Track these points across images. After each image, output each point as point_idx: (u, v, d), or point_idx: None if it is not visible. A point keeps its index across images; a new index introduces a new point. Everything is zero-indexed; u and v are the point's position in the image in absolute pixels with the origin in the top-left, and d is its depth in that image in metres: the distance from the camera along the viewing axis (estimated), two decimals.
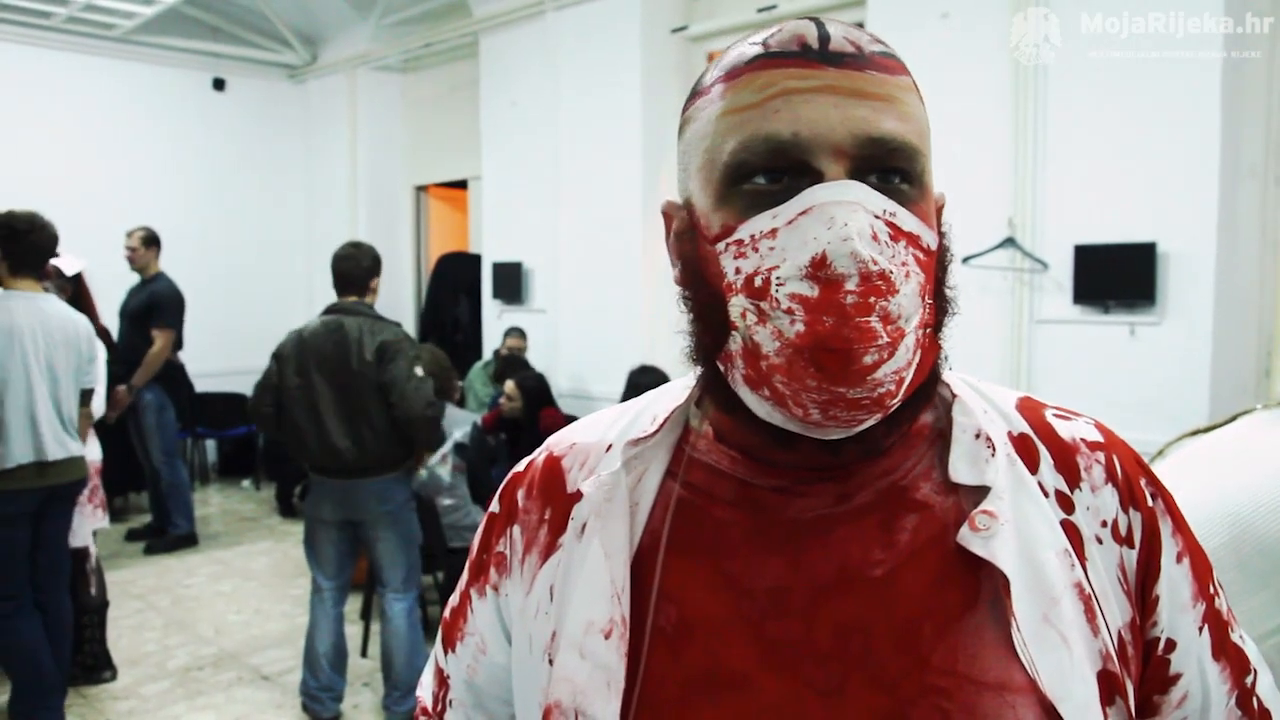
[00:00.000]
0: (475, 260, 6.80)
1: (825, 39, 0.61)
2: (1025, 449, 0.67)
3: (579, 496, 0.70)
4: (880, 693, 0.60)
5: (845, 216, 0.56)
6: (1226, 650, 0.69)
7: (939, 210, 0.67)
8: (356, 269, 3.35)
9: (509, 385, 4.93)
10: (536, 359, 5.76)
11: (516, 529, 0.75)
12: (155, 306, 5.32)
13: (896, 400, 0.60)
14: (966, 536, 0.62)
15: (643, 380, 4.52)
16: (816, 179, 0.59)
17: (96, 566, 3.77)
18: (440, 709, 0.82)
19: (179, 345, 5.58)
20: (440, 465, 4.02)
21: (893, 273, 0.57)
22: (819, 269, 0.56)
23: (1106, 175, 3.69)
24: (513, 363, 5.49)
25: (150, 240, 5.44)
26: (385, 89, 7.56)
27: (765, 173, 0.60)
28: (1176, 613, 0.66)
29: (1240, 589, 0.87)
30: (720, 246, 0.62)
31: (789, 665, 0.61)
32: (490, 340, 6.39)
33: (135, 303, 5.42)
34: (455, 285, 7.22)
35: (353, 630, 4.03)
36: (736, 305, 0.61)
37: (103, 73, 6.94)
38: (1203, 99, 3.44)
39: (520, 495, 0.76)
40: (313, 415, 3.22)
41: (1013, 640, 0.60)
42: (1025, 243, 3.87)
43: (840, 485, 0.65)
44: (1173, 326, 3.57)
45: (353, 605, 4.14)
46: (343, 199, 7.65)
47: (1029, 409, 0.70)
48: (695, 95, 0.66)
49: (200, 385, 6.37)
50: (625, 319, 5.42)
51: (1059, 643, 0.60)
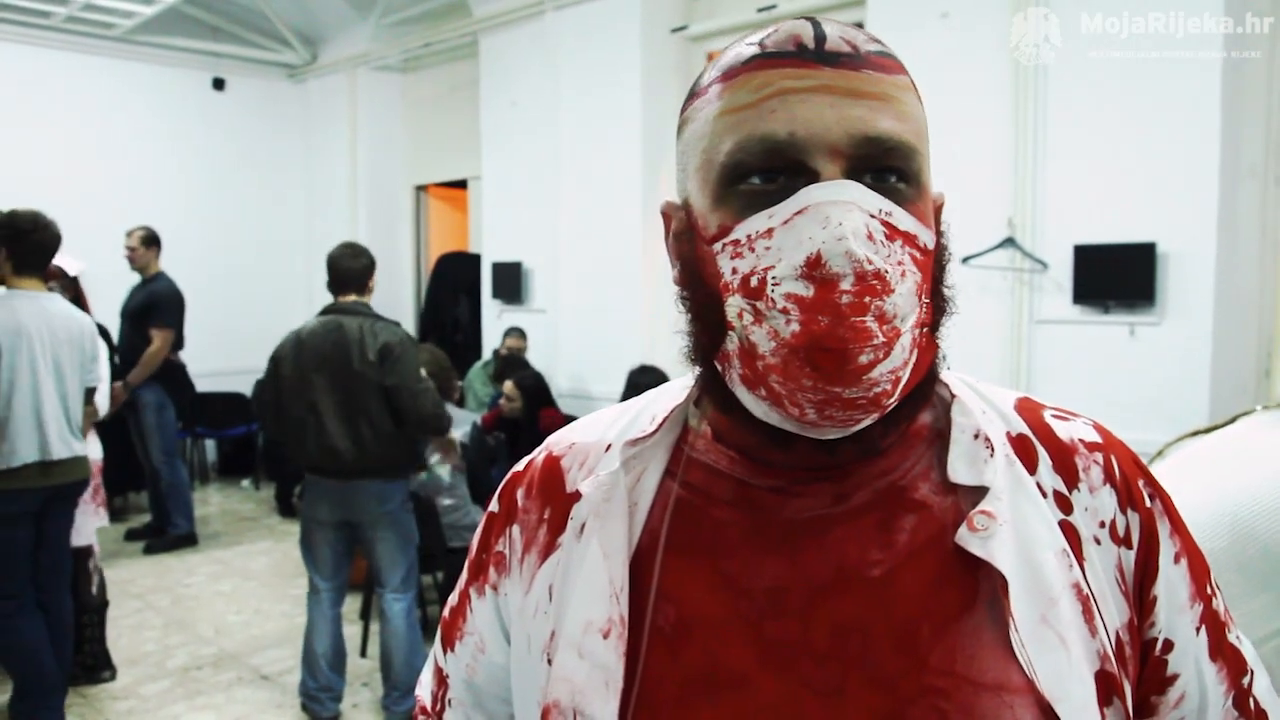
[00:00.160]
0: (475, 260, 6.80)
1: (821, 39, 0.61)
2: (1024, 449, 0.67)
3: (578, 496, 0.70)
4: (878, 693, 0.60)
5: (840, 216, 0.56)
6: (1224, 651, 0.69)
7: (938, 210, 0.67)
8: (355, 267, 3.35)
9: (508, 385, 4.93)
10: (536, 359, 5.76)
11: (516, 528, 0.75)
12: (154, 306, 5.32)
13: (893, 400, 0.60)
14: (965, 537, 0.62)
15: (642, 380, 4.52)
16: (813, 179, 0.58)
17: (97, 566, 3.77)
18: (439, 708, 0.82)
19: (180, 345, 5.58)
20: (440, 465, 4.02)
21: (888, 272, 0.57)
22: (814, 269, 0.56)
23: (1106, 175, 3.69)
24: (512, 362, 5.49)
25: (149, 240, 5.43)
26: (385, 89, 7.56)
27: (761, 173, 0.60)
28: (1174, 613, 0.66)
29: (1241, 591, 0.87)
30: (717, 247, 0.62)
31: (787, 665, 0.61)
32: (490, 340, 6.39)
33: (135, 302, 5.41)
34: (455, 285, 7.22)
35: (352, 630, 4.03)
36: (733, 305, 0.61)
37: (102, 72, 6.94)
38: (1203, 99, 3.44)
39: (520, 495, 0.76)
40: (312, 416, 3.22)
41: (1011, 641, 0.60)
42: (1025, 243, 3.87)
43: (838, 485, 0.65)
44: (1173, 327, 3.57)
45: (352, 605, 4.15)
46: (343, 199, 7.65)
47: (1027, 409, 0.70)
48: (693, 96, 0.66)
49: (200, 385, 6.37)
50: (625, 319, 5.42)
51: (1057, 643, 0.60)
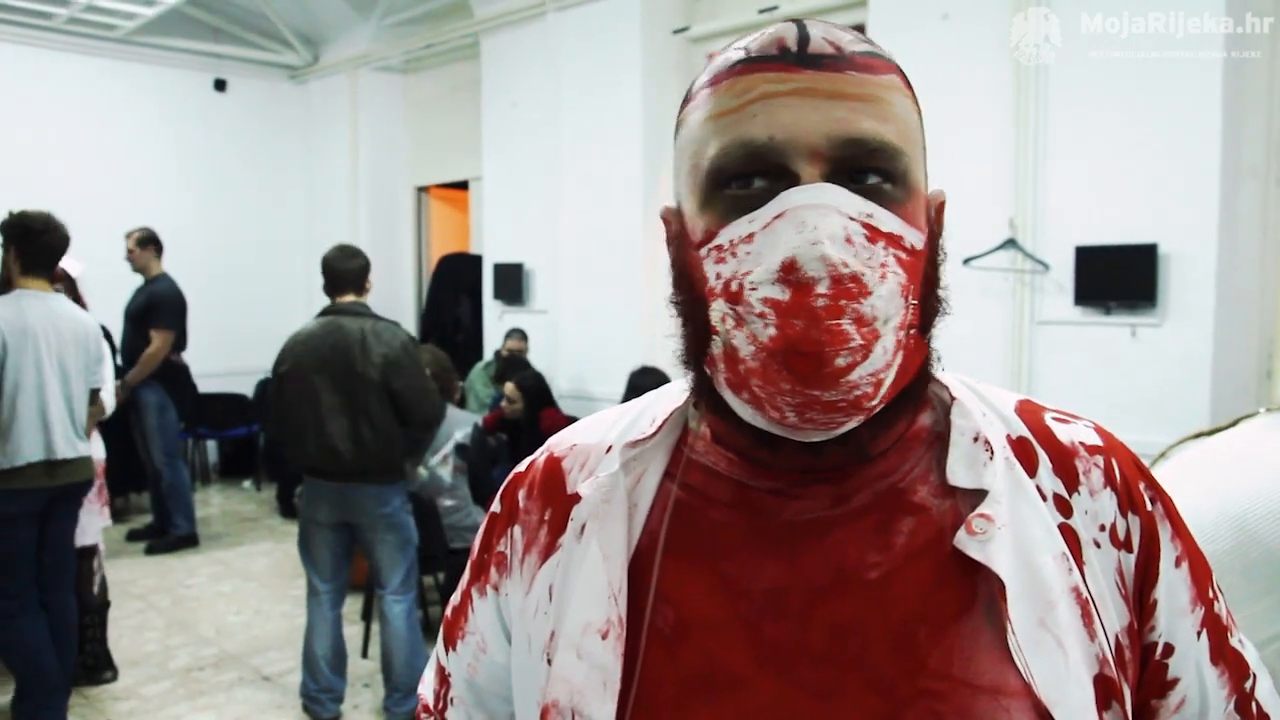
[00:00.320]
0: (476, 261, 6.81)
1: (805, 41, 0.61)
2: (1024, 452, 0.67)
3: (579, 497, 0.70)
4: (875, 695, 0.60)
5: (816, 220, 0.57)
6: (1225, 655, 0.69)
7: (939, 208, 0.67)
8: (352, 268, 3.35)
9: (509, 387, 4.93)
10: (537, 360, 5.76)
11: (517, 529, 0.75)
12: (154, 307, 5.32)
13: (875, 402, 0.59)
14: (963, 540, 0.61)
15: (643, 381, 4.52)
16: (793, 182, 0.59)
17: (101, 565, 3.78)
18: (441, 707, 0.83)
19: (182, 346, 5.58)
20: (441, 466, 4.02)
21: (865, 275, 0.57)
22: (789, 273, 0.56)
23: (1107, 176, 3.69)
24: (513, 363, 5.49)
25: (145, 241, 5.43)
26: (386, 90, 7.56)
27: (744, 177, 0.60)
28: (1175, 617, 0.66)
29: (1244, 594, 0.87)
30: (703, 251, 0.62)
31: (785, 667, 0.62)
32: (491, 341, 6.39)
33: (136, 304, 5.43)
34: (456, 286, 7.22)
35: (353, 631, 4.03)
36: (717, 310, 0.61)
37: (104, 73, 6.95)
38: (1204, 99, 3.44)
39: (521, 495, 0.76)
40: (312, 417, 3.22)
41: (1008, 644, 0.59)
42: (1026, 244, 3.87)
43: (837, 487, 0.65)
44: (1174, 328, 3.57)
45: (353, 606, 4.15)
46: (344, 199, 7.66)
47: (1028, 412, 0.70)
48: (686, 101, 0.67)
49: (201, 386, 6.38)
50: (626, 320, 5.42)
51: (1054, 647, 0.60)
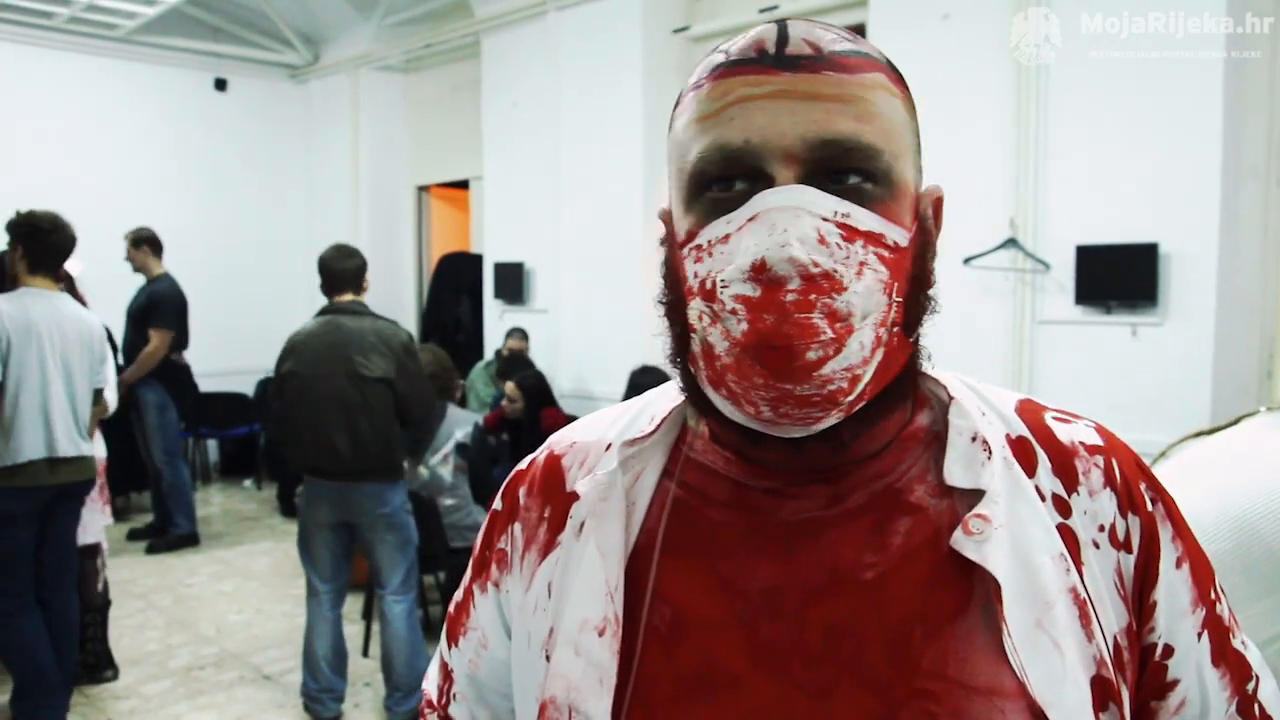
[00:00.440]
0: (477, 260, 6.81)
1: (783, 42, 0.61)
2: (1023, 452, 0.67)
3: (578, 495, 0.70)
4: (870, 695, 0.60)
5: (787, 222, 0.57)
6: (1227, 657, 0.69)
7: (935, 204, 0.67)
8: (349, 267, 3.36)
9: (510, 386, 4.92)
10: (538, 359, 5.76)
11: (517, 526, 0.76)
12: (153, 307, 5.33)
13: (852, 398, 0.59)
14: (960, 540, 0.61)
15: (644, 380, 4.52)
16: (771, 184, 0.59)
17: (104, 563, 3.78)
18: (445, 702, 0.84)
19: (184, 345, 5.58)
20: (442, 465, 4.02)
21: (838, 272, 0.57)
22: (759, 273, 0.57)
23: (1108, 176, 3.69)
24: (516, 361, 5.49)
25: (139, 241, 5.42)
26: (387, 89, 7.56)
27: (722, 180, 0.61)
28: (1175, 618, 0.66)
29: (1245, 594, 0.87)
30: (685, 251, 0.63)
31: (780, 666, 0.62)
32: (492, 340, 6.40)
33: (137, 303, 5.44)
34: (457, 285, 7.23)
35: (353, 630, 4.03)
36: (694, 308, 0.62)
37: (104, 73, 6.95)
38: (1204, 99, 3.44)
39: (522, 493, 0.77)
40: (313, 416, 3.22)
41: (1004, 645, 0.59)
42: (1027, 243, 3.87)
43: (833, 487, 0.65)
44: (1175, 327, 3.57)
45: (353, 605, 4.15)
46: (344, 199, 7.66)
47: (1028, 411, 0.70)
48: (676, 104, 0.67)
49: (201, 385, 6.38)
50: (627, 319, 5.42)
51: (1051, 648, 0.60)
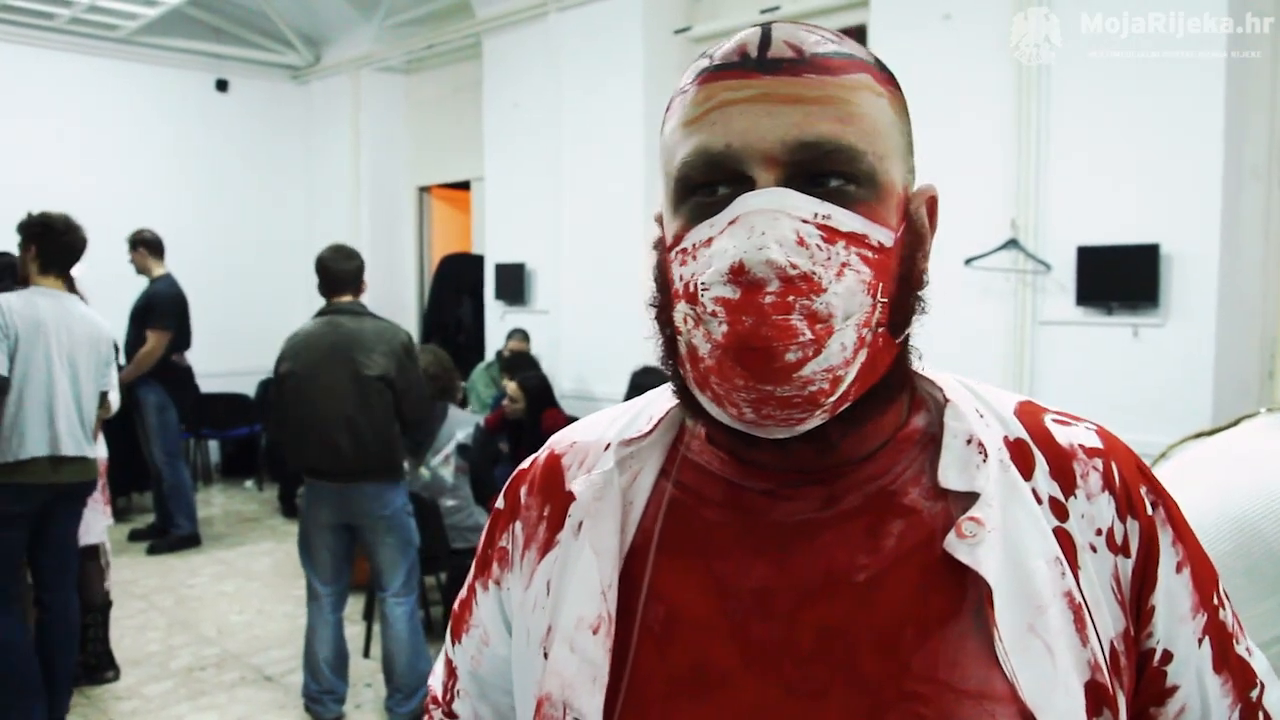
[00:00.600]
0: (478, 261, 6.81)
1: (765, 46, 0.61)
2: (1020, 455, 0.66)
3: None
4: (860, 697, 0.60)
5: (765, 225, 0.57)
6: (1229, 663, 0.68)
7: (929, 203, 0.67)
8: (349, 268, 3.36)
9: (511, 387, 4.92)
10: (539, 360, 5.76)
11: (518, 525, 0.76)
12: (150, 308, 5.34)
13: (834, 398, 0.59)
14: (953, 543, 0.61)
15: (645, 381, 4.52)
16: (752, 188, 0.59)
17: (108, 563, 3.79)
18: (449, 698, 0.85)
19: (185, 346, 5.59)
20: (443, 466, 4.02)
21: (817, 273, 0.57)
22: (738, 275, 0.57)
23: (1109, 176, 3.69)
24: (520, 360, 5.49)
25: (136, 243, 5.43)
26: (388, 90, 7.57)
27: (706, 184, 0.61)
28: (1174, 624, 0.66)
29: (1247, 595, 0.86)
30: (672, 255, 0.64)
31: (771, 667, 0.62)
32: (493, 341, 6.40)
33: (137, 304, 5.45)
34: (458, 286, 7.23)
35: (354, 631, 4.03)
36: (680, 311, 0.62)
37: (106, 74, 6.95)
38: (1205, 99, 3.44)
39: (523, 492, 0.78)
40: (314, 417, 3.22)
41: (995, 649, 0.59)
42: (1028, 244, 3.87)
43: (828, 489, 0.65)
44: (1176, 328, 3.56)
45: (355, 606, 4.14)
46: (345, 200, 7.66)
47: (1028, 414, 0.70)
48: (666, 107, 0.68)
49: (202, 385, 6.38)
50: (628, 320, 5.41)
51: (1043, 652, 0.60)
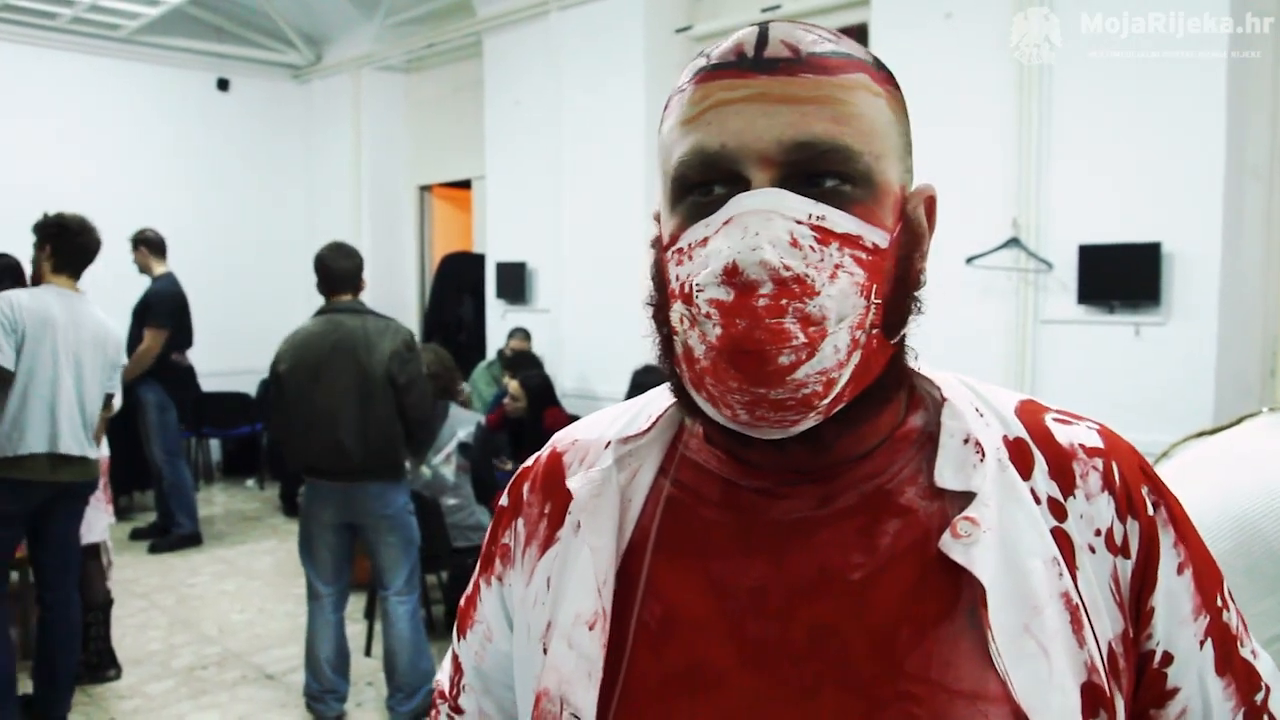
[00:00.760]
0: (479, 260, 6.81)
1: (762, 45, 0.61)
2: (1020, 454, 0.66)
3: None
4: (853, 696, 0.60)
5: (759, 225, 0.57)
6: (1233, 666, 0.67)
7: (928, 202, 0.67)
8: (349, 267, 3.35)
9: (513, 385, 4.92)
10: (541, 359, 5.76)
11: (520, 522, 0.77)
12: (148, 306, 5.35)
13: (828, 401, 0.59)
14: (948, 543, 0.61)
15: (646, 380, 4.52)
16: (747, 188, 0.59)
17: (108, 563, 3.79)
18: (455, 693, 0.85)
19: (186, 344, 5.59)
20: (444, 465, 4.02)
21: (810, 276, 0.57)
22: (732, 276, 0.57)
23: (1111, 175, 3.69)
24: (523, 359, 5.49)
25: (136, 242, 5.43)
26: (389, 89, 7.57)
27: (702, 184, 0.61)
28: (1175, 626, 0.65)
29: (1248, 594, 0.86)
30: (669, 255, 0.64)
31: (766, 665, 0.62)
32: (494, 340, 6.40)
33: (137, 303, 5.46)
34: (459, 285, 7.23)
35: (356, 630, 4.04)
36: (676, 311, 0.62)
37: (107, 73, 6.96)
38: (1206, 99, 3.43)
39: (525, 489, 0.78)
40: (318, 416, 3.21)
41: (989, 649, 0.59)
42: (1030, 243, 3.87)
43: (824, 488, 0.65)
44: (1178, 327, 3.56)
45: (355, 605, 4.15)
46: (346, 199, 7.66)
47: (1029, 413, 0.69)
48: (664, 107, 0.68)
49: (203, 385, 6.39)
50: (629, 318, 5.41)
51: (1037, 653, 0.59)
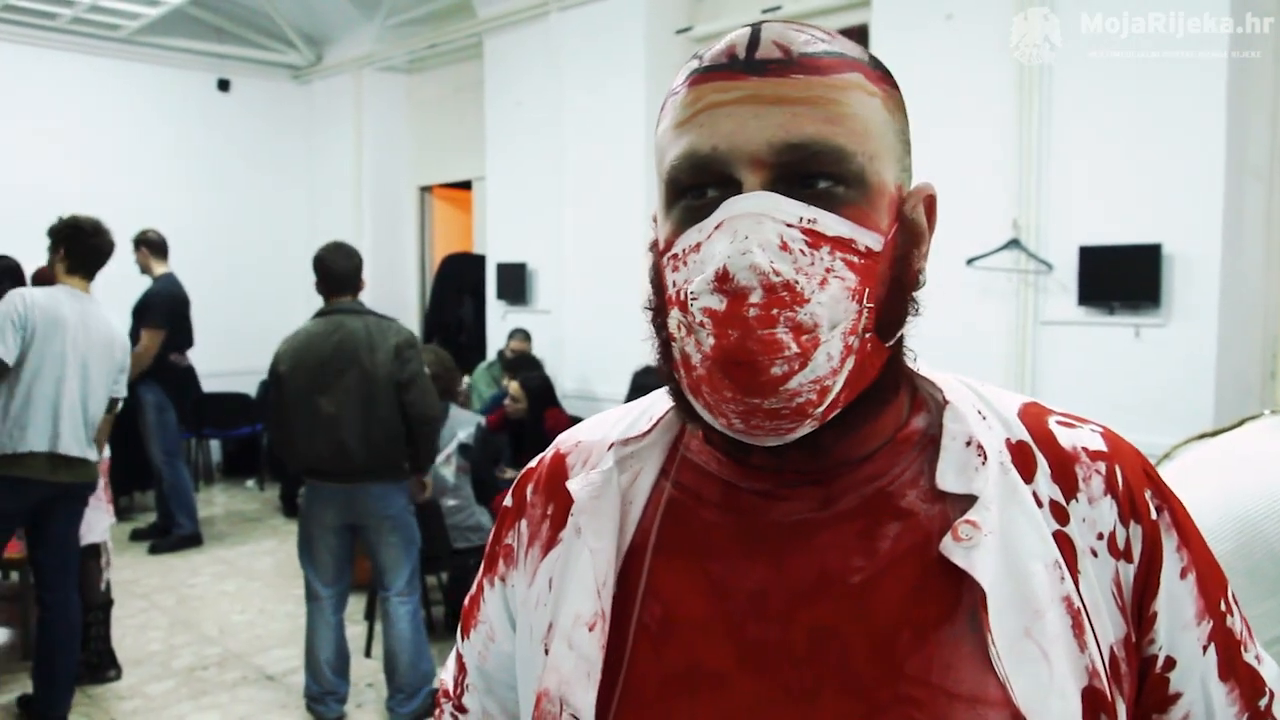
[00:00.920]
0: (479, 261, 6.81)
1: (754, 46, 0.60)
2: (1022, 457, 0.65)
3: None
4: (853, 699, 0.60)
5: (749, 229, 0.57)
6: (1236, 671, 0.67)
7: (927, 202, 0.66)
8: (350, 267, 3.35)
9: (513, 386, 4.92)
10: (541, 360, 5.76)
11: (523, 523, 0.77)
12: (145, 307, 5.35)
13: (822, 408, 0.59)
14: (949, 546, 0.61)
15: (647, 381, 4.52)
16: (739, 191, 0.59)
17: (110, 563, 3.79)
18: (459, 692, 0.85)
19: (186, 344, 5.59)
20: (444, 466, 4.02)
21: (799, 283, 0.56)
22: (723, 282, 0.57)
23: (1111, 176, 3.69)
24: (524, 360, 5.49)
25: (139, 243, 5.43)
26: (390, 90, 7.57)
27: (695, 187, 0.61)
28: (1177, 630, 0.65)
29: (1249, 596, 0.86)
30: (665, 259, 0.64)
31: (766, 667, 0.62)
32: (494, 341, 6.40)
33: (136, 303, 5.45)
34: (459, 286, 7.23)
35: (356, 631, 4.03)
36: (673, 318, 0.62)
37: (108, 74, 6.96)
38: (1206, 99, 3.43)
39: (529, 490, 0.79)
40: (320, 417, 3.21)
41: (989, 653, 0.59)
42: (1030, 244, 3.87)
43: (825, 490, 0.65)
44: (1178, 328, 3.56)
45: (355, 606, 4.15)
46: (347, 199, 7.67)
47: (1032, 415, 0.69)
48: (660, 109, 0.68)
49: (204, 385, 6.39)
50: (630, 319, 5.39)
51: (1038, 657, 0.59)
